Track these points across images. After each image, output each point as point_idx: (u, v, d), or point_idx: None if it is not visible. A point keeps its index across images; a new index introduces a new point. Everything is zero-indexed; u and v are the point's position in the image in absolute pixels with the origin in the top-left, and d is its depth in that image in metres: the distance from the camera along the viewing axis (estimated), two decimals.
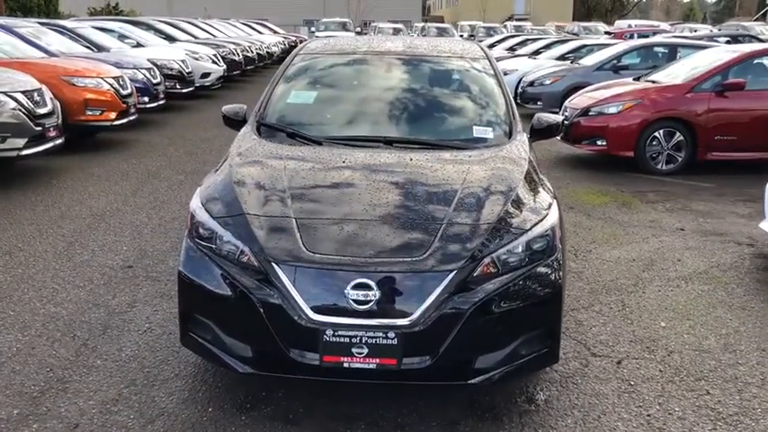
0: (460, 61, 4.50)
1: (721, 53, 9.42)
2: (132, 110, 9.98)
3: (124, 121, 9.71)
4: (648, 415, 3.20)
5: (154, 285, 4.68)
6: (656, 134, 8.60)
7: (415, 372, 2.88)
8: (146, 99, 11.33)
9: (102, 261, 5.15)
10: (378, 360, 2.84)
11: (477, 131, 3.94)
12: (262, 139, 3.84)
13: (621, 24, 33.33)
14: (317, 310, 2.85)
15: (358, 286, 2.83)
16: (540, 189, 3.46)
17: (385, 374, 2.88)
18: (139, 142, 10.15)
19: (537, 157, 3.99)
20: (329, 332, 2.82)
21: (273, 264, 2.91)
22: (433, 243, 2.95)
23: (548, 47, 18.80)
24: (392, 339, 2.82)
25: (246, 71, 20.35)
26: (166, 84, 12.70)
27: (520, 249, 3.03)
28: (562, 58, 16.21)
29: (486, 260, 2.94)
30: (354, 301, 2.83)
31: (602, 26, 32.48)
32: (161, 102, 12.08)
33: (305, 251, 2.92)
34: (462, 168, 3.48)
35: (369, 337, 2.82)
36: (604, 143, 8.82)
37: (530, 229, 3.10)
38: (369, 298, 2.82)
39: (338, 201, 3.25)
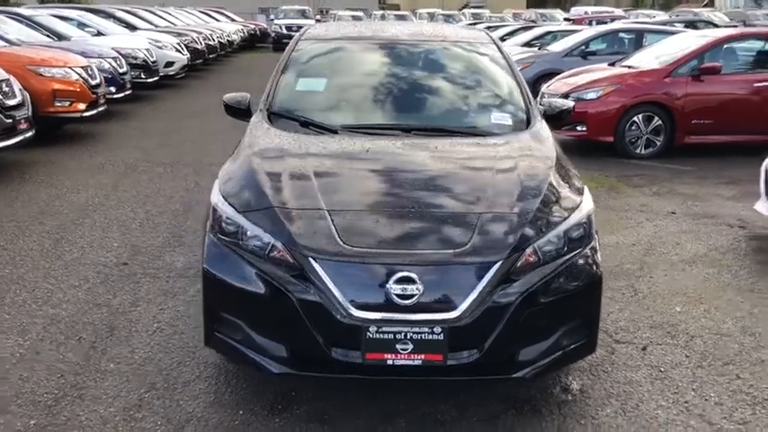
0: (469, 47, 4.41)
1: (694, 38, 9.54)
2: (102, 100, 9.63)
3: (94, 112, 9.37)
4: (686, 402, 3.19)
5: (154, 283, 4.49)
6: (635, 119, 8.66)
7: (460, 367, 2.79)
8: (112, 89, 10.95)
9: (94, 258, 4.93)
10: (423, 356, 2.75)
11: (495, 118, 3.86)
12: (276, 129, 3.68)
13: (578, 11, 33.69)
14: (358, 306, 2.73)
15: (401, 280, 2.72)
16: (571, 176, 3.41)
17: (430, 371, 2.79)
18: (109, 134, 9.81)
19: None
20: (372, 329, 2.71)
21: (310, 259, 2.78)
22: (474, 234, 2.86)
23: (512, 33, 18.85)
24: (438, 334, 2.72)
25: (209, 60, 19.91)
26: (132, 73, 12.30)
27: (559, 238, 2.97)
28: (527, 44, 16.27)
29: (529, 250, 2.87)
30: (398, 295, 2.72)
31: (558, 13, 32.77)
32: (128, 92, 11.72)
33: (342, 245, 2.80)
34: (490, 156, 3.40)
35: (414, 333, 2.72)
36: (584, 128, 8.84)
37: (568, 217, 3.04)
38: (413, 292, 2.72)
39: (368, 191, 3.14)
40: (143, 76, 13.35)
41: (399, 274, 2.73)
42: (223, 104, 4.27)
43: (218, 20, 28.81)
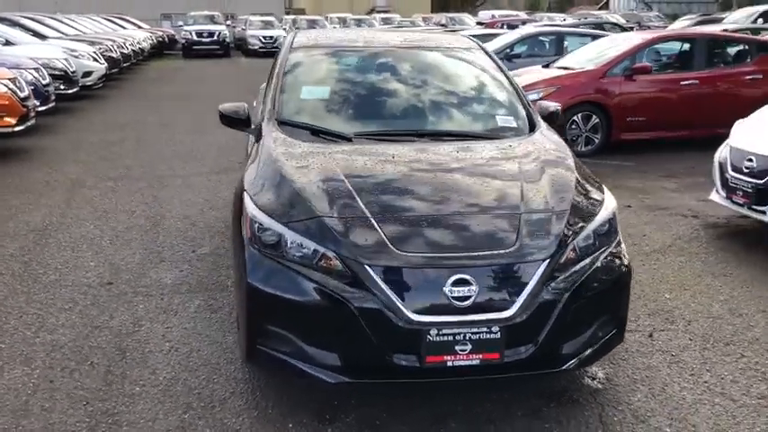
0: (461, 53, 4.52)
1: (622, 40, 10.07)
2: (32, 114, 9.14)
3: (23, 126, 8.87)
4: (705, 382, 3.40)
5: (149, 301, 4.34)
6: (575, 118, 9.04)
7: (515, 364, 2.88)
8: (36, 102, 10.38)
9: (74, 279, 4.71)
10: (481, 355, 2.82)
11: (501, 120, 3.98)
12: (293, 138, 3.65)
13: (485, 15, 34.68)
14: (416, 310, 2.77)
15: (457, 282, 2.78)
16: (588, 174, 3.56)
17: (488, 369, 2.87)
18: (42, 149, 9.31)
19: None
20: (433, 332, 2.76)
21: (366, 266, 2.80)
22: (520, 233, 2.95)
23: None
24: (495, 333, 2.80)
25: (123, 69, 19.21)
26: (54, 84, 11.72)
27: (592, 234, 3.11)
28: None
29: (570, 247, 2.99)
30: (455, 297, 2.78)
31: (467, 17, 33.61)
32: (51, 104, 11.16)
33: (395, 251, 2.83)
34: (512, 157, 3.51)
35: (472, 333, 2.79)
36: None
37: (597, 213, 3.19)
38: (469, 293, 2.79)
39: (404, 196, 3.17)
40: (62, 88, 12.73)
41: (455, 277, 2.79)
42: (219, 114, 4.19)
43: (124, 27, 27.80)
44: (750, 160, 5.30)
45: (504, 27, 23.32)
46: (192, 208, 6.42)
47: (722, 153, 5.82)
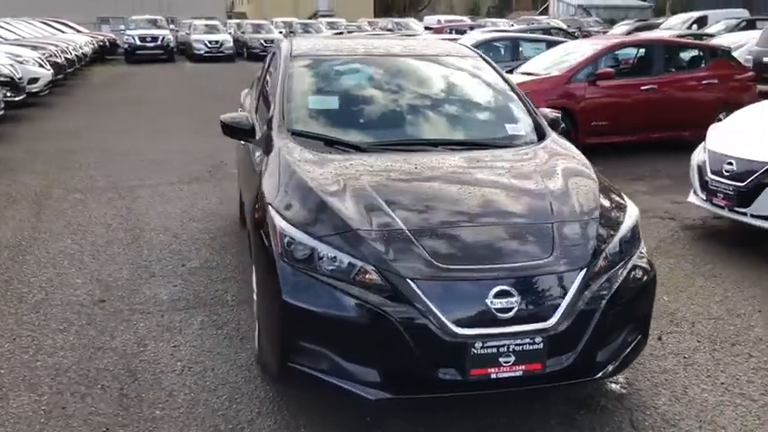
0: (462, 61, 4.52)
1: (585, 46, 10.28)
2: None
3: None
4: (722, 383, 3.48)
5: (149, 319, 4.19)
6: None
7: (556, 374, 2.89)
8: None
9: (63, 298, 4.50)
10: (524, 366, 2.81)
11: (510, 129, 3.99)
12: (308, 149, 3.57)
13: (431, 20, 34.98)
14: (459, 323, 2.75)
15: (499, 294, 2.78)
16: (606, 181, 3.60)
17: (530, 380, 2.86)
18: None
19: None
20: (478, 345, 2.74)
21: (408, 280, 2.76)
22: (555, 243, 2.97)
23: None
24: (538, 344, 2.80)
25: (68, 75, 18.57)
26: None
27: (619, 242, 3.14)
28: None
29: (602, 255, 3.02)
30: (497, 309, 2.77)
31: (413, 22, 33.78)
32: (1, 112, 10.69)
33: (436, 263, 2.80)
34: (531, 165, 3.52)
35: (516, 345, 2.78)
36: None
37: (623, 221, 3.23)
38: (511, 305, 2.78)
39: (436, 207, 3.14)
40: (9, 95, 12.21)
41: (497, 288, 2.78)
42: (221, 124, 4.07)
43: (62, 31, 26.86)
44: (730, 164, 5.47)
45: (453, 32, 23.60)
46: (171, 220, 6.23)
47: (699, 156, 6.00)
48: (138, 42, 27.44)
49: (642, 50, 10.19)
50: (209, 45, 27.96)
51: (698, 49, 10.42)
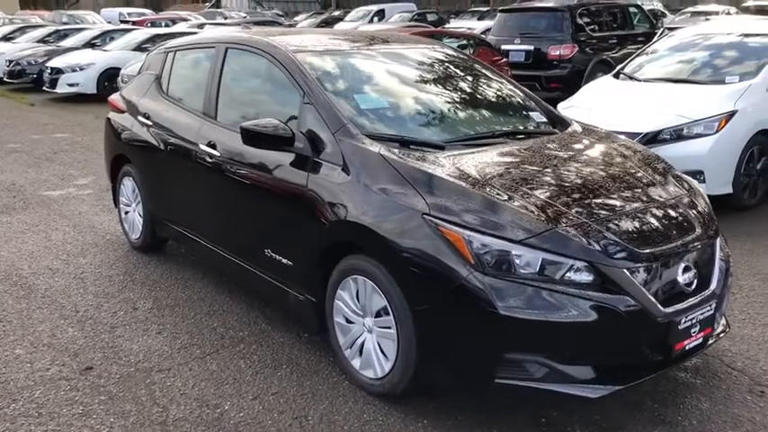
0: (455, 53, 4.55)
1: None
2: None
3: None
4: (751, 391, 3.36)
5: (172, 376, 3.44)
6: None
7: (717, 334, 3.18)
8: None
9: (29, 374, 3.43)
10: (703, 333, 3.04)
11: (535, 116, 4.08)
12: (400, 152, 3.23)
13: (111, 14, 32.39)
14: (665, 303, 2.87)
15: (685, 270, 2.97)
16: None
17: (703, 345, 3.08)
18: None
19: None
20: (682, 320, 2.89)
21: (621, 269, 2.78)
22: (692, 216, 3.21)
23: (64, 36, 18.60)
24: (711, 309, 3.05)
25: None
26: None
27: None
28: (89, 44, 16.62)
29: (715, 221, 3.37)
30: (686, 284, 2.96)
31: (90, 15, 30.75)
32: None
33: (635, 250, 2.86)
34: (606, 150, 3.66)
35: (700, 314, 2.99)
36: None
37: (700, 192, 3.60)
38: (693, 278, 2.99)
39: (588, 197, 3.10)
40: None
41: (683, 264, 2.98)
42: (245, 133, 3.45)
43: None
44: None
45: (157, 24, 22.31)
46: (50, 257, 5.05)
47: None
48: None
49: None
50: None
51: (465, 39, 11.51)
